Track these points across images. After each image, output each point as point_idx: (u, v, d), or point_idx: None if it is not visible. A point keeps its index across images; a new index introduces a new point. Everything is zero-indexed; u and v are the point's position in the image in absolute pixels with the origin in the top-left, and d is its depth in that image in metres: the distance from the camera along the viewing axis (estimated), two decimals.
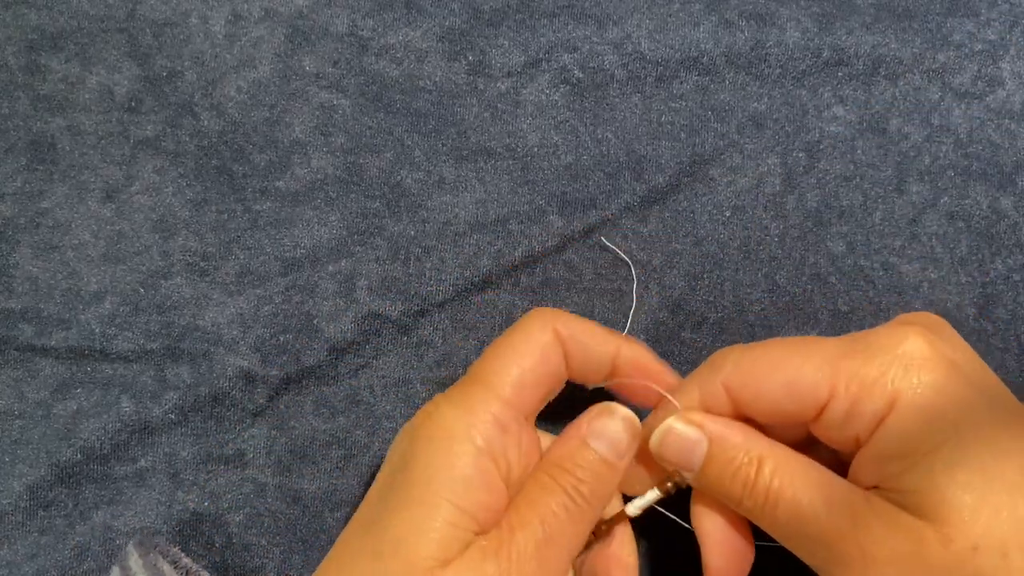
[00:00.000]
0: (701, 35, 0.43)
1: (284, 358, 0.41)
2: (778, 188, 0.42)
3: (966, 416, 0.27)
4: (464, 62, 0.43)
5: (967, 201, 0.42)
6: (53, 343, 0.40)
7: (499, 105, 0.43)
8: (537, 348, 0.32)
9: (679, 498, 0.34)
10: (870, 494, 0.28)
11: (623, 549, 0.33)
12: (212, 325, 0.41)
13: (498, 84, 0.43)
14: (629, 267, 0.42)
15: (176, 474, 0.40)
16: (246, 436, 0.41)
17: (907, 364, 0.28)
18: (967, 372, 0.29)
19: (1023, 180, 0.42)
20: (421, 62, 0.43)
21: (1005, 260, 0.42)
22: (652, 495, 0.33)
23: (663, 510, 0.34)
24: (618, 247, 0.42)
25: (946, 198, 0.42)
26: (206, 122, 0.42)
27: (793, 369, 0.30)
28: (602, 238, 0.40)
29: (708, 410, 0.32)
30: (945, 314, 0.41)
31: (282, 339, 0.41)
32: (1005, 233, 0.42)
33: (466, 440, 0.29)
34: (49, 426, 0.40)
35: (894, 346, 0.29)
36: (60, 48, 0.42)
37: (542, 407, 0.34)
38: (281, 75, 0.43)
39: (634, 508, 0.33)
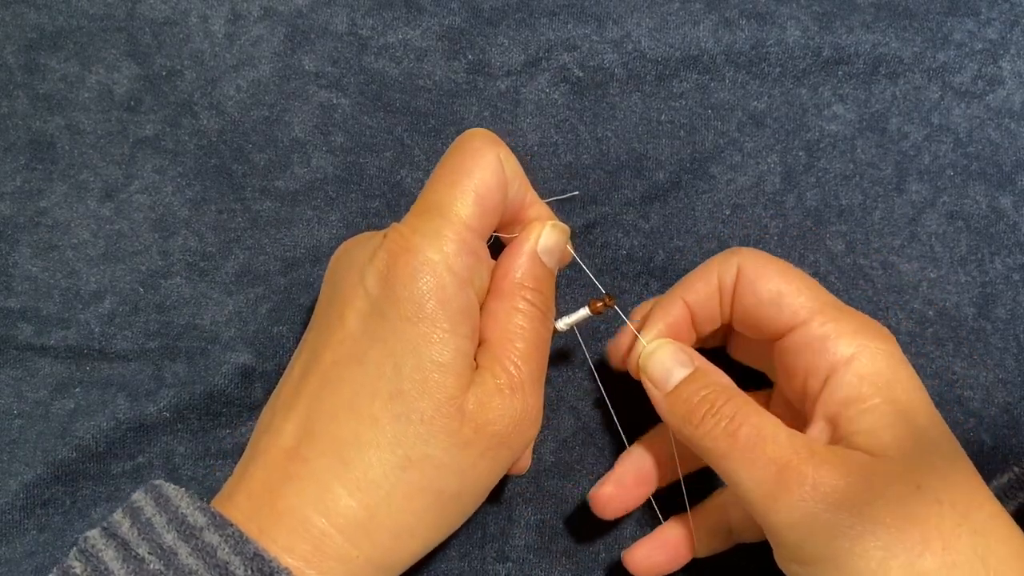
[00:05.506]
0: (701, 34, 0.43)
1: (280, 351, 0.41)
2: (778, 186, 0.42)
3: (909, 387, 0.32)
4: (464, 61, 0.43)
5: (966, 200, 0.42)
6: (52, 342, 0.40)
7: (499, 104, 0.43)
8: (489, 171, 0.31)
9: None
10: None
11: None
12: (211, 324, 0.41)
13: (498, 83, 0.43)
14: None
15: (174, 470, 0.40)
16: (243, 431, 0.40)
17: (876, 332, 0.33)
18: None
19: (1022, 180, 0.42)
20: (421, 61, 0.43)
21: (1004, 260, 0.41)
22: (583, 312, 0.36)
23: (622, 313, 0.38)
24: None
25: (945, 197, 0.42)
26: (205, 121, 0.42)
27: (788, 283, 0.33)
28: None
29: (694, 312, 0.36)
30: (944, 313, 0.41)
31: (275, 331, 0.41)
32: (1004, 232, 0.42)
33: (448, 271, 0.30)
34: (47, 425, 0.40)
35: (870, 321, 0.33)
36: (59, 47, 0.42)
37: (495, 226, 0.34)
38: (280, 74, 0.43)
39: (563, 324, 0.36)
